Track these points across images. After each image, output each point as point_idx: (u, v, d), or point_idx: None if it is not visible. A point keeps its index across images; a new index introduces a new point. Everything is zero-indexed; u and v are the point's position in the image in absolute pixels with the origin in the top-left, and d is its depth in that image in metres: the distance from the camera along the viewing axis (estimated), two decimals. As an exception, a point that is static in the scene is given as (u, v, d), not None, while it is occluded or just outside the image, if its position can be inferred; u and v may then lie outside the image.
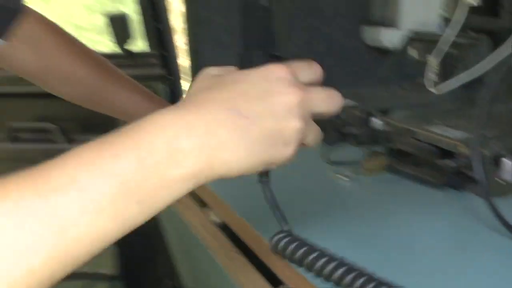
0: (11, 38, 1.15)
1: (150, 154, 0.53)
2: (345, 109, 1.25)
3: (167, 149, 0.53)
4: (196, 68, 1.83)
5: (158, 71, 2.02)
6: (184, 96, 1.64)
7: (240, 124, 0.58)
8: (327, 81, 0.71)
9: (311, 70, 0.66)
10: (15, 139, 2.25)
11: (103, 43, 2.86)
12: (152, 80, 1.98)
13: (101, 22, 2.14)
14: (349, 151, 1.25)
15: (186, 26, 1.81)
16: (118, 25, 1.99)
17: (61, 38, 1.22)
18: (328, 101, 0.65)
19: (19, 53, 1.24)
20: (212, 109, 0.57)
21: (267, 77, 0.62)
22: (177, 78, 2.04)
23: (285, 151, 0.60)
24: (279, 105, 0.59)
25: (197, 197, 1.23)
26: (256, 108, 0.58)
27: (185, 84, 2.06)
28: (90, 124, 2.03)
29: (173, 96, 2.04)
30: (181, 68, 2.04)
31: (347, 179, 1.13)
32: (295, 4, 1.81)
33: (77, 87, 1.26)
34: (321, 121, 0.66)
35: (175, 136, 0.54)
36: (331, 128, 1.31)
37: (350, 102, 1.36)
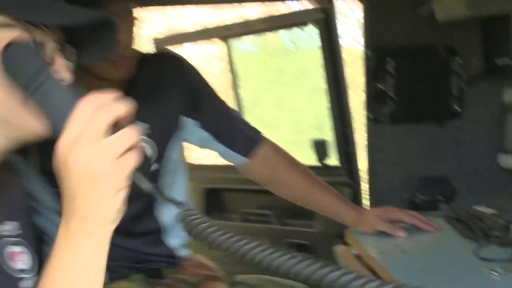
0: (253, 157, 1.64)
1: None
2: (488, 216, 1.60)
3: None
4: (372, 179, 2.14)
5: (344, 179, 2.33)
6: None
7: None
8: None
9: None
10: (245, 220, 2.67)
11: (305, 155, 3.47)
12: (339, 185, 2.19)
13: (307, 140, 2.51)
14: (497, 250, 1.34)
15: (366, 151, 2.11)
16: (320, 147, 2.37)
17: (284, 157, 1.68)
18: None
19: (257, 167, 1.69)
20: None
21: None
22: (358, 185, 2.33)
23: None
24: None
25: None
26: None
27: (364, 188, 2.30)
28: (296, 213, 2.44)
29: (355, 197, 2.30)
30: (361, 178, 2.34)
31: (497, 274, 1.17)
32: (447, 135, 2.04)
33: (293, 191, 1.69)
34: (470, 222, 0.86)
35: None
36: (479, 230, 1.48)
37: (491, 211, 1.56)
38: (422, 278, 1.22)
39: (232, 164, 1.74)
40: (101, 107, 0.72)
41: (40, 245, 1.11)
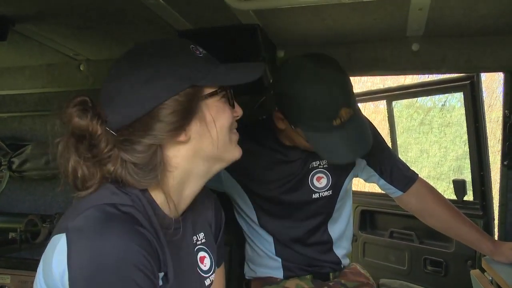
0: (407, 191, 1.67)
1: None
2: None
3: None
4: (502, 214, 2.06)
5: (478, 212, 2.31)
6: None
7: None
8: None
9: None
10: (392, 237, 2.71)
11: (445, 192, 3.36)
12: (474, 217, 2.20)
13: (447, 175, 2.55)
14: None
15: (499, 191, 2.05)
16: (460, 186, 2.37)
17: (433, 194, 1.68)
18: None
19: (410, 200, 1.70)
20: None
21: None
22: (491, 219, 2.30)
23: None
24: None
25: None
26: None
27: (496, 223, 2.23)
28: (434, 234, 2.34)
29: (487, 229, 2.25)
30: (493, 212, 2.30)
31: None
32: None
33: (439, 221, 1.67)
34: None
35: None
36: None
37: None
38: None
39: (389, 195, 1.75)
40: None
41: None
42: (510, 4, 1.52)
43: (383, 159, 1.67)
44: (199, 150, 0.95)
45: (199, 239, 1.09)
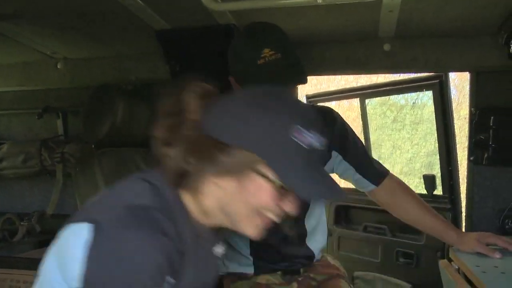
0: (380, 185, 1.68)
1: None
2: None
3: None
4: (469, 208, 2.16)
5: (446, 205, 2.37)
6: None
7: None
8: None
9: None
10: (366, 231, 2.75)
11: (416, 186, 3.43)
12: (443, 211, 2.27)
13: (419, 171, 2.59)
14: None
15: (466, 185, 2.16)
16: (430, 181, 2.42)
17: (403, 188, 1.70)
18: None
19: (382, 193, 1.71)
20: None
21: None
22: (459, 212, 2.36)
23: None
24: None
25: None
26: None
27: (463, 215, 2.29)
28: (405, 228, 2.40)
29: (455, 222, 2.31)
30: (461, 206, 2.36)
31: None
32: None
33: (407, 214, 1.69)
34: None
35: None
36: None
37: None
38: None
39: (360, 189, 1.77)
40: None
41: None
42: (477, 7, 1.58)
43: (359, 155, 1.71)
44: (224, 201, 0.96)
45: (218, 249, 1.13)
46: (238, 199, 0.94)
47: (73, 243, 0.86)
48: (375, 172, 1.71)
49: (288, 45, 1.47)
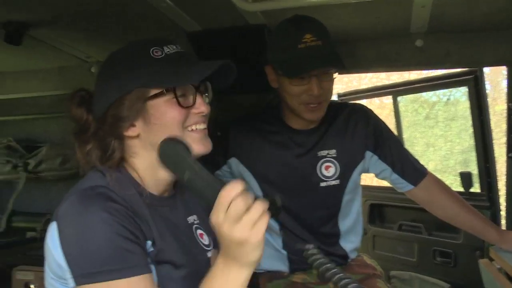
0: (418, 185, 1.66)
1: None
2: None
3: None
4: (509, 205, 2.11)
5: (485, 203, 2.33)
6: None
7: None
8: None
9: None
10: (401, 230, 2.72)
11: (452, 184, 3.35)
12: (481, 209, 2.08)
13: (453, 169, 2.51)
14: None
15: (506, 183, 2.11)
16: (466, 178, 2.40)
17: (442, 186, 1.68)
18: None
19: (420, 192, 1.69)
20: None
21: None
22: (497, 209, 2.32)
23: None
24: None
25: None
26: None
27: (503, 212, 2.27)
28: (442, 226, 2.35)
29: (494, 220, 2.26)
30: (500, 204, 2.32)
31: None
32: None
33: (447, 212, 1.69)
34: None
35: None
36: None
37: None
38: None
39: (398, 190, 1.75)
40: (238, 197, 0.85)
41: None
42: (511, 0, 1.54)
43: (394, 153, 1.68)
44: (152, 143, 1.04)
45: (193, 220, 1.18)
46: (158, 131, 1.02)
47: (49, 244, 0.95)
48: (413, 172, 1.69)
49: (328, 35, 1.49)
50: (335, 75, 1.53)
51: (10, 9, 1.62)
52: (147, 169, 1.07)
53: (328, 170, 1.64)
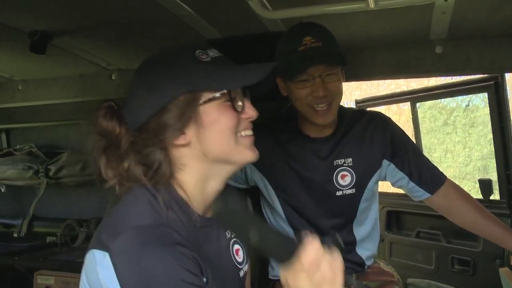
0: (435, 193, 1.63)
1: None
2: None
3: None
4: None
5: (504, 211, 2.27)
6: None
7: None
8: None
9: None
10: (418, 237, 2.70)
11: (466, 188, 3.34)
12: (501, 216, 2.02)
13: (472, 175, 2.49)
14: None
15: None
16: (486, 185, 2.35)
17: (460, 193, 1.66)
18: None
19: (438, 200, 1.66)
20: None
21: None
22: None
23: None
24: None
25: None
26: None
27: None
28: (461, 233, 2.34)
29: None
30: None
31: None
32: None
33: (466, 219, 1.65)
34: None
35: None
36: None
37: None
38: None
39: (415, 199, 1.72)
40: (323, 261, 0.80)
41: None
42: (533, 5, 1.52)
43: (412, 161, 1.66)
44: (204, 152, 0.98)
45: (231, 233, 1.12)
46: (211, 138, 0.97)
47: (96, 272, 0.90)
48: (430, 180, 1.66)
49: (329, 36, 1.49)
50: (336, 76, 1.51)
51: (34, 19, 1.65)
52: (197, 183, 1.01)
53: (344, 179, 1.64)
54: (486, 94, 2.27)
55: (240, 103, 1.00)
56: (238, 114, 0.99)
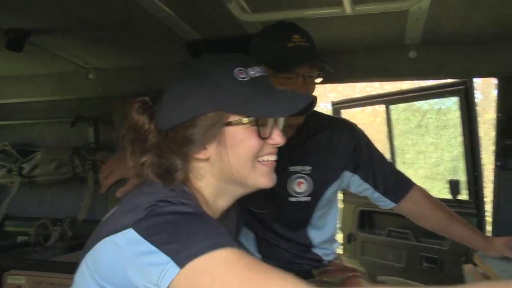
0: (400, 202, 1.62)
1: None
2: None
3: None
4: (495, 213, 2.13)
5: (472, 211, 2.36)
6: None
7: None
8: None
9: None
10: (389, 236, 2.76)
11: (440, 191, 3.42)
12: (467, 215, 2.24)
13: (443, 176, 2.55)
14: None
15: (492, 190, 2.11)
16: (455, 186, 2.41)
17: (428, 198, 1.65)
18: None
19: (404, 207, 1.64)
20: None
21: None
22: (483, 216, 2.36)
23: None
24: None
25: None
26: None
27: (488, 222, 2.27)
28: (430, 233, 2.17)
29: (480, 227, 2.31)
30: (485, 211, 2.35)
31: None
32: None
33: (434, 224, 1.66)
34: None
35: None
36: None
37: None
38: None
39: (381, 207, 1.72)
40: None
41: None
42: (504, 14, 1.59)
43: (377, 173, 1.66)
44: (220, 170, 0.99)
45: None
46: (230, 158, 0.96)
47: (128, 249, 0.85)
48: (396, 189, 1.66)
49: (312, 39, 1.51)
50: (318, 80, 1.52)
51: (12, 16, 1.63)
52: (211, 195, 1.02)
53: (300, 186, 1.61)
54: (457, 98, 2.34)
55: (267, 129, 0.99)
56: (262, 140, 0.98)
